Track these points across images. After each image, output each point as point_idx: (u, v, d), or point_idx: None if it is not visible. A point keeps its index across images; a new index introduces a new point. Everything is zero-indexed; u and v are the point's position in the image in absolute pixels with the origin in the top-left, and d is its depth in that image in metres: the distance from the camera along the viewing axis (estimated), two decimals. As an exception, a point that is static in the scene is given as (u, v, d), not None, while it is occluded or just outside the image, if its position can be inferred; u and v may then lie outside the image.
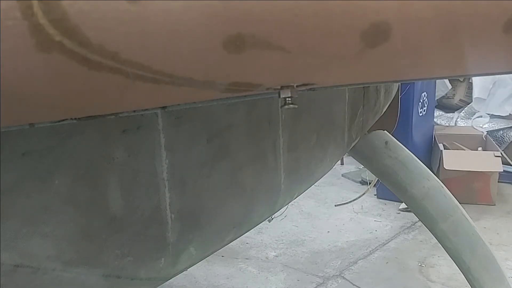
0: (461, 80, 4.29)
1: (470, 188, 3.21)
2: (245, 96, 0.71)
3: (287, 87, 0.56)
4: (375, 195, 3.41)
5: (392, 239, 2.81)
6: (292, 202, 1.33)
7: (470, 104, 4.16)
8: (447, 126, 4.08)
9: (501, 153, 3.26)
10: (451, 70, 0.60)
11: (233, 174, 0.92)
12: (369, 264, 2.53)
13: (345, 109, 1.28)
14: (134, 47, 0.39)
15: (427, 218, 1.61)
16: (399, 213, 3.14)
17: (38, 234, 0.66)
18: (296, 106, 0.57)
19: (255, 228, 1.14)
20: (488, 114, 3.94)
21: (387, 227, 2.96)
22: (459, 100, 4.33)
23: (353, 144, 1.42)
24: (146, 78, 0.43)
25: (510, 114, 3.83)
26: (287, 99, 0.57)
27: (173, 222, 0.82)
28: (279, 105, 0.58)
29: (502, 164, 3.20)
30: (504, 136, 3.80)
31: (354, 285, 2.34)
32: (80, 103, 0.48)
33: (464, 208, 1.67)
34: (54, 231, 0.68)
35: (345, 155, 1.84)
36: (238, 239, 1.07)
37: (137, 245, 0.78)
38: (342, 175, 3.87)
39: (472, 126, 3.94)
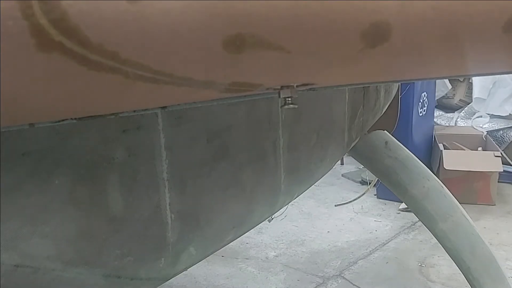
0: (461, 80, 4.29)
1: (470, 188, 3.21)
2: (245, 96, 0.71)
3: (287, 87, 0.56)
4: (375, 195, 3.41)
5: (392, 239, 2.81)
6: (292, 202, 1.33)
7: (470, 104, 4.16)
8: (447, 126, 4.08)
9: (501, 153, 3.26)
10: (451, 70, 0.60)
11: (233, 174, 0.92)
12: (369, 264, 2.53)
13: (345, 109, 1.28)
14: (134, 47, 0.38)
15: (427, 218, 1.61)
16: (399, 213, 3.14)
17: (38, 234, 0.66)
18: (296, 106, 0.57)
19: (255, 228, 1.14)
20: (488, 114, 3.94)
21: (387, 227, 2.96)
22: (459, 100, 4.33)
23: (353, 144, 1.42)
24: (146, 78, 0.42)
25: (510, 114, 3.83)
26: (287, 99, 0.57)
27: (173, 222, 0.82)
28: (279, 105, 0.58)
29: (502, 164, 3.20)
30: (504, 136, 3.80)
31: (354, 285, 2.34)
32: (80, 103, 0.48)
33: (464, 208, 1.66)
34: (54, 231, 0.68)
35: (345, 155, 1.84)
36: (238, 239, 1.07)
37: (137, 245, 0.78)
38: (342, 175, 3.86)
39: (472, 126, 3.93)
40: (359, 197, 3.36)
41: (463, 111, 4.20)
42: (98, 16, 0.36)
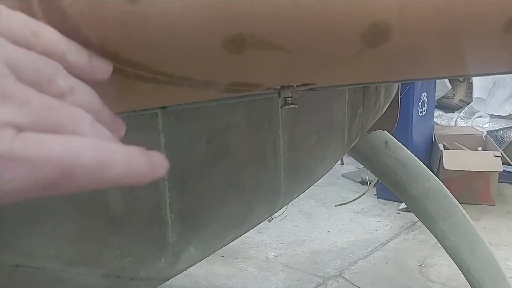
0: (461, 80, 4.29)
1: (470, 188, 3.21)
2: (245, 96, 0.71)
3: (287, 87, 0.56)
4: (375, 195, 3.41)
5: (392, 239, 2.81)
6: (292, 202, 1.33)
7: (470, 104, 4.16)
8: (447, 126, 4.08)
9: (501, 153, 3.26)
10: (451, 70, 0.60)
11: (233, 174, 0.92)
12: (369, 264, 2.53)
13: (345, 109, 1.28)
14: (134, 47, 0.38)
15: (427, 218, 1.61)
16: (399, 213, 3.14)
17: (38, 234, 0.66)
18: (296, 106, 0.57)
19: (255, 228, 1.14)
20: (488, 114, 3.94)
21: (387, 227, 2.96)
22: (459, 100, 4.33)
23: (353, 144, 1.42)
24: (146, 78, 0.43)
25: (510, 114, 3.83)
26: (287, 99, 0.57)
27: (173, 222, 0.82)
28: (279, 105, 0.58)
29: (502, 164, 3.20)
30: (504, 136, 3.80)
31: (354, 285, 2.34)
32: (80, 103, 0.48)
33: (464, 208, 1.67)
34: (54, 231, 0.68)
35: (345, 155, 1.84)
36: (238, 239, 1.07)
37: (137, 245, 0.78)
38: (342, 175, 3.87)
39: (472, 126, 3.94)
40: (359, 197, 3.36)
41: (463, 111, 4.20)
42: (98, 16, 0.36)
